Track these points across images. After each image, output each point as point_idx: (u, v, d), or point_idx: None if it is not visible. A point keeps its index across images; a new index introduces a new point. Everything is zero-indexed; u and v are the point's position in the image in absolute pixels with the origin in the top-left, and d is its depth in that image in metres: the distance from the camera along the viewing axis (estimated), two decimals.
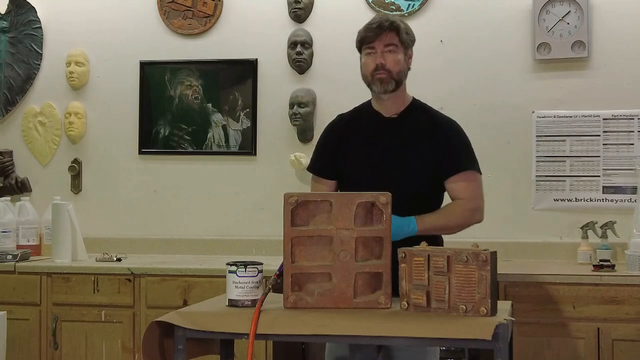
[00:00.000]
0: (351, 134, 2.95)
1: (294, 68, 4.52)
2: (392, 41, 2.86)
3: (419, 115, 2.95)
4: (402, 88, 2.93)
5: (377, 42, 2.85)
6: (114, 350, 4.00)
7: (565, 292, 3.60)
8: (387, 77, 2.85)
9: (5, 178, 4.80)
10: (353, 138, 2.93)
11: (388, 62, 2.84)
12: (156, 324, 2.37)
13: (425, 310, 2.28)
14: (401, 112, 2.94)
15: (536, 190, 4.27)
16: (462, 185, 2.87)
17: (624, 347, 3.53)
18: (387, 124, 2.92)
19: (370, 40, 2.85)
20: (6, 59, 4.85)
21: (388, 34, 2.85)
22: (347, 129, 2.97)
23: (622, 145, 4.18)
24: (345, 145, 2.93)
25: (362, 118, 2.98)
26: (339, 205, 2.34)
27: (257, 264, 2.38)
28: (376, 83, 2.86)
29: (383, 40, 2.85)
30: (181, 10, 4.67)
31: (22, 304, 4.08)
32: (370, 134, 2.90)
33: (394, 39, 2.86)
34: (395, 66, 2.86)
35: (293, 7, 4.49)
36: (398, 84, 2.88)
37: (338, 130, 3.00)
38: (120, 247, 4.55)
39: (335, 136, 3.00)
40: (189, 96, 4.65)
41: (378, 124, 2.92)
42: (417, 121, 2.93)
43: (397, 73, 2.86)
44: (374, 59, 2.85)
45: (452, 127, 2.97)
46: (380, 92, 2.87)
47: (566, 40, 4.21)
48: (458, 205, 2.86)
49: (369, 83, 2.90)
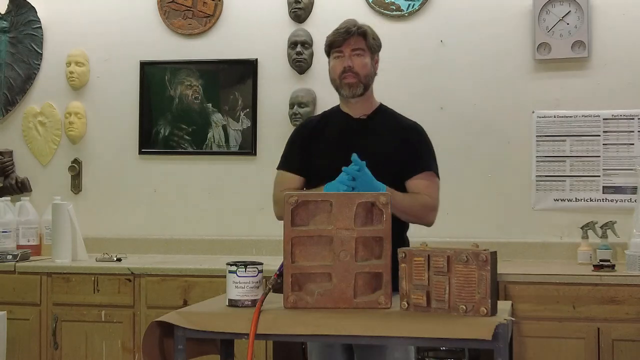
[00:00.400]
0: (321, 133, 3.00)
1: (294, 68, 4.52)
2: (359, 45, 2.93)
3: (386, 118, 3.02)
4: (369, 92, 2.99)
5: (344, 46, 2.92)
6: (114, 350, 4.00)
7: (565, 292, 3.60)
8: (356, 81, 2.91)
9: (5, 178, 4.80)
10: (323, 137, 2.98)
11: (356, 65, 2.91)
12: (156, 324, 2.37)
13: (425, 310, 2.28)
14: (369, 114, 3.00)
15: (536, 190, 4.27)
16: (424, 183, 2.94)
17: (624, 347, 3.53)
18: (356, 124, 2.97)
19: (339, 44, 2.93)
20: (6, 59, 4.85)
21: (356, 39, 2.93)
22: (317, 129, 3.03)
23: (622, 145, 4.18)
24: (315, 144, 2.98)
25: (331, 119, 3.04)
26: (339, 205, 2.35)
27: (257, 264, 2.38)
28: (344, 87, 2.93)
29: (351, 44, 2.92)
30: (181, 10, 4.67)
31: (22, 304, 4.08)
32: (340, 133, 2.95)
33: (362, 44, 2.94)
34: (362, 69, 2.92)
35: (293, 7, 4.49)
36: (366, 87, 2.95)
37: (308, 130, 3.05)
38: (120, 247, 4.55)
39: (305, 135, 3.04)
40: (189, 96, 4.65)
41: (347, 124, 2.97)
42: (384, 123, 2.99)
43: (364, 76, 2.93)
44: (342, 62, 2.92)
45: (417, 130, 3.03)
46: (349, 96, 2.94)
47: (566, 40, 4.21)
48: (422, 198, 2.89)
49: (337, 86, 2.97)
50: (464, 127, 4.39)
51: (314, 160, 2.95)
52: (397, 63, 4.38)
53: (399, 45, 4.39)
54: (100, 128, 4.76)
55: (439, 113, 4.39)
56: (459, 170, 4.35)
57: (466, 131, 4.38)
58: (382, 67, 4.41)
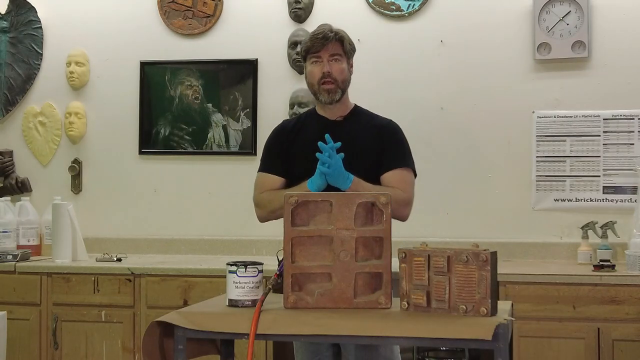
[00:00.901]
0: (298, 135, 3.04)
1: (294, 68, 4.52)
2: (337, 51, 2.97)
3: (362, 118, 3.06)
4: (346, 96, 3.03)
5: (323, 51, 2.95)
6: (114, 350, 4.00)
7: (565, 292, 3.60)
8: (334, 87, 2.96)
9: (5, 178, 4.80)
10: (300, 139, 3.01)
11: (334, 71, 2.95)
12: (156, 324, 2.37)
13: (426, 310, 2.28)
14: (345, 115, 3.04)
15: (536, 190, 4.27)
16: (397, 177, 2.95)
17: (624, 347, 3.53)
18: (333, 126, 3.00)
19: (317, 49, 2.96)
20: (6, 59, 4.85)
21: (333, 44, 2.96)
22: (294, 131, 3.06)
23: (622, 145, 4.18)
24: (293, 146, 3.02)
25: (307, 121, 3.08)
26: (339, 205, 2.35)
27: (257, 264, 2.38)
28: (323, 93, 2.97)
29: (329, 50, 2.96)
30: (181, 10, 4.67)
31: (23, 304, 4.08)
32: (317, 135, 2.95)
33: (339, 49, 2.98)
34: (340, 75, 2.97)
35: (293, 7, 4.49)
36: (343, 92, 3.00)
37: (285, 133, 3.09)
38: (121, 247, 4.55)
39: (282, 138, 3.07)
40: (189, 96, 4.65)
41: (324, 126, 2.99)
42: (360, 123, 3.03)
43: (342, 82, 2.98)
44: (320, 68, 2.95)
45: (392, 127, 3.06)
46: (327, 102, 2.98)
47: (566, 40, 4.21)
48: (394, 191, 2.87)
49: (315, 92, 3.00)
50: (464, 127, 4.38)
51: (292, 164, 2.99)
52: (397, 63, 4.38)
53: (399, 45, 4.39)
54: (101, 128, 4.76)
55: (439, 113, 4.39)
56: (459, 171, 4.35)
57: (466, 131, 4.38)
58: (382, 67, 4.42)
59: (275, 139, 3.11)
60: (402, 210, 2.93)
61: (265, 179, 3.06)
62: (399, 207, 2.88)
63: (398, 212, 2.90)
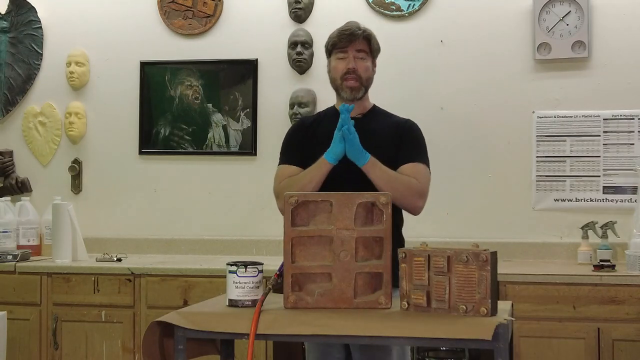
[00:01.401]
0: (317, 130, 3.02)
1: (294, 68, 4.52)
2: (363, 48, 2.97)
3: (380, 117, 3.06)
4: (367, 94, 3.04)
5: (349, 47, 2.95)
6: (114, 351, 4.00)
7: (565, 292, 3.60)
8: (358, 85, 2.95)
9: (5, 178, 4.80)
10: (318, 136, 2.99)
11: (359, 68, 2.95)
12: (156, 324, 2.37)
13: (426, 310, 2.28)
14: (364, 113, 3.03)
15: (536, 190, 4.27)
16: (412, 169, 2.91)
17: (624, 347, 3.53)
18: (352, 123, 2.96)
19: (344, 45, 2.95)
20: (6, 59, 4.85)
21: (361, 42, 2.96)
22: (313, 126, 3.05)
23: (622, 146, 4.18)
24: (312, 140, 2.99)
25: (327, 118, 3.06)
26: (339, 205, 2.35)
27: (258, 264, 2.38)
28: (346, 90, 2.96)
29: (355, 46, 2.95)
30: (181, 11, 4.67)
31: (23, 304, 4.09)
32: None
33: (366, 47, 2.98)
34: (365, 72, 2.96)
35: (293, 7, 4.49)
36: (366, 90, 3.00)
37: (304, 128, 3.07)
38: (121, 247, 4.56)
39: (301, 132, 3.06)
40: (189, 96, 4.65)
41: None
42: (378, 121, 3.02)
43: (366, 80, 2.97)
44: (345, 64, 2.94)
45: (410, 125, 3.05)
46: (349, 98, 2.95)
47: (566, 40, 4.21)
48: (409, 179, 2.87)
49: (337, 87, 2.99)
50: (464, 127, 4.39)
51: (311, 157, 2.94)
52: (397, 63, 4.38)
53: (399, 45, 4.39)
54: (101, 128, 4.76)
55: (439, 113, 4.39)
56: (459, 170, 4.35)
57: (466, 131, 4.38)
58: (383, 67, 4.41)
59: (295, 133, 3.09)
60: (415, 200, 2.88)
61: (284, 170, 3.01)
62: (411, 197, 2.85)
63: (410, 202, 2.87)
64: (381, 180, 2.80)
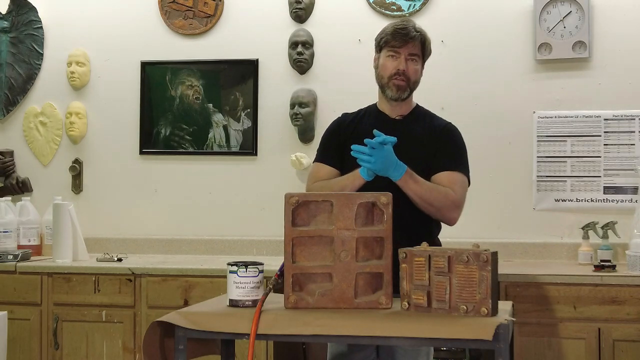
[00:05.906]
0: (356, 129, 2.98)
1: (294, 68, 4.52)
2: (416, 51, 2.92)
3: (422, 119, 3.01)
4: (411, 96, 2.99)
5: (403, 48, 2.89)
6: (115, 351, 4.00)
7: (566, 292, 3.60)
8: (405, 85, 2.91)
9: (6, 178, 4.80)
10: (357, 132, 2.95)
11: (409, 70, 2.90)
12: (157, 324, 2.38)
13: (426, 310, 2.28)
14: (406, 114, 2.99)
15: (537, 191, 4.27)
16: (449, 178, 2.89)
17: (625, 348, 3.53)
18: (393, 124, 2.96)
19: (398, 45, 2.89)
20: (7, 59, 4.85)
21: (415, 44, 2.90)
22: (352, 125, 3.02)
23: (623, 146, 4.18)
24: (350, 139, 2.94)
25: (367, 117, 3.02)
26: (340, 206, 2.35)
27: (258, 264, 2.38)
28: (392, 88, 2.91)
29: (409, 48, 2.90)
30: (182, 11, 4.67)
31: (23, 304, 4.08)
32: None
33: (419, 50, 2.93)
34: (414, 75, 2.93)
35: (294, 7, 4.49)
36: (411, 92, 2.96)
37: (344, 126, 3.04)
38: (121, 247, 4.56)
39: (340, 130, 3.03)
40: (189, 96, 4.66)
41: (383, 123, 2.94)
42: (420, 123, 2.99)
43: (414, 82, 2.94)
44: (396, 64, 2.89)
45: (450, 130, 3.02)
46: (394, 98, 2.92)
47: (567, 41, 4.21)
48: (445, 190, 2.85)
49: (383, 85, 2.95)
50: (465, 128, 4.33)
51: (347, 156, 2.89)
52: None
53: None
54: (101, 128, 4.76)
55: (439, 113, 4.33)
56: None
57: (466, 131, 4.33)
58: None
59: (334, 131, 3.05)
60: (450, 212, 2.87)
61: (319, 168, 3.00)
62: (447, 209, 2.84)
63: (446, 215, 2.87)
64: (416, 195, 2.79)
